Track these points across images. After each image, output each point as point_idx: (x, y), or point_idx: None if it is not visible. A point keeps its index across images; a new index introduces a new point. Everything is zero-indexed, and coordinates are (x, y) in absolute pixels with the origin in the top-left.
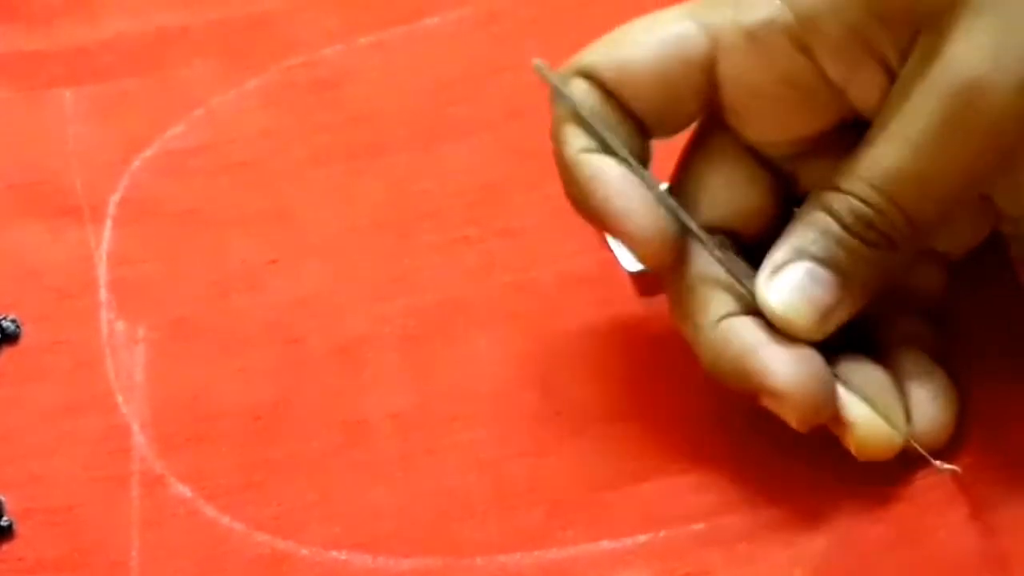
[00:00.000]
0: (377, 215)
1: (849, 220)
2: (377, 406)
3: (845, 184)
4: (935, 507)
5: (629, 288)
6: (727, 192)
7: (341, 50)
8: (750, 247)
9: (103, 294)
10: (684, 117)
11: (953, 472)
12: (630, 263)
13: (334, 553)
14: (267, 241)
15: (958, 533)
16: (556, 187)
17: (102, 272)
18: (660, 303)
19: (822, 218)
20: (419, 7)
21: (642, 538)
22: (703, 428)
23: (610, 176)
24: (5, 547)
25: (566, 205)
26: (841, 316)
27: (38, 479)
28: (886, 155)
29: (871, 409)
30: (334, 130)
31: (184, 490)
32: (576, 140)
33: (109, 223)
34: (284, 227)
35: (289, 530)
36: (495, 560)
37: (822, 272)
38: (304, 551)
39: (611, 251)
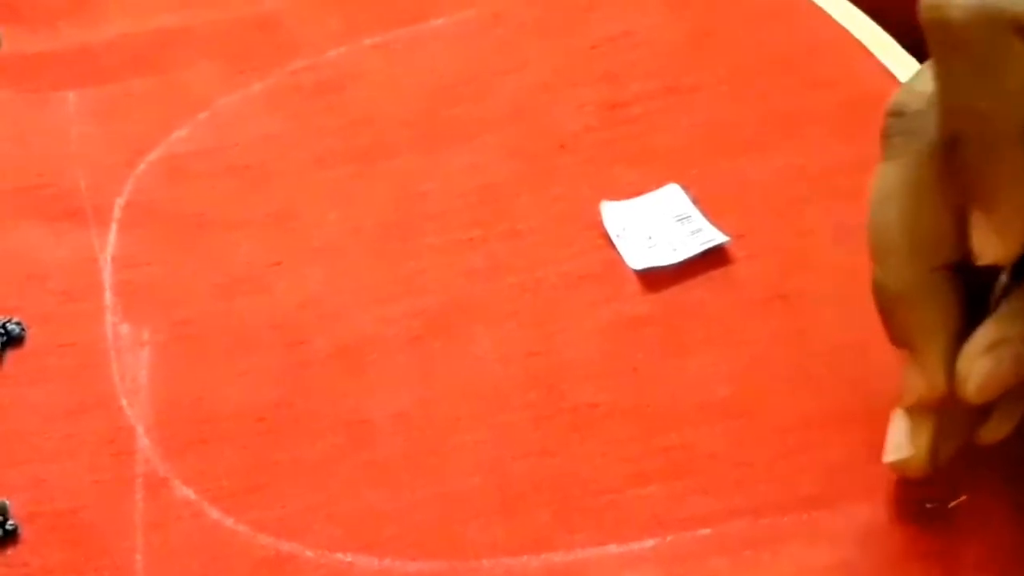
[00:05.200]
0: (381, 217)
1: None
2: (381, 407)
3: None
4: (941, 520)
5: (634, 286)
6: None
7: (345, 53)
8: None
9: (108, 297)
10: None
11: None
12: (635, 261)
13: (339, 555)
14: (271, 244)
15: (963, 546)
16: (560, 188)
17: (107, 275)
18: (665, 301)
19: None
20: (423, 9)
21: (649, 543)
22: (708, 429)
23: (936, 321)
24: (10, 551)
25: (569, 206)
26: (1012, 385)
27: (43, 482)
28: None
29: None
30: (338, 133)
31: (188, 492)
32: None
33: (114, 226)
34: (288, 229)
35: (293, 532)
36: (501, 562)
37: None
38: (308, 553)
39: (615, 250)
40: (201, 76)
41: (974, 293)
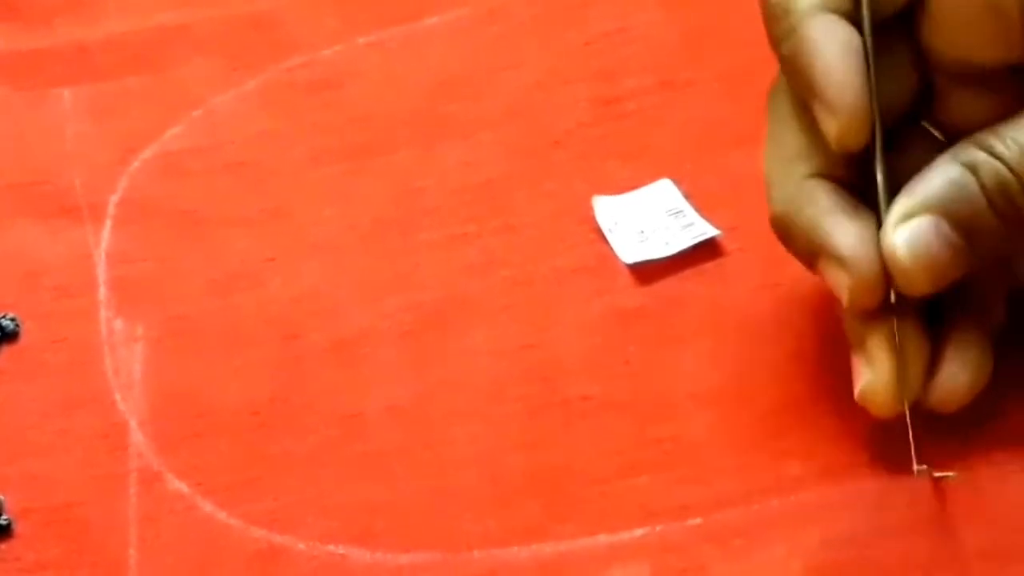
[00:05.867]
0: (376, 213)
1: (991, 185)
2: (375, 401)
3: (999, 147)
4: (932, 501)
5: (627, 281)
6: (881, 84)
7: (340, 50)
8: None
9: (102, 293)
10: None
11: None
12: (627, 255)
13: (331, 547)
14: (266, 240)
15: (955, 528)
16: (554, 184)
17: (101, 271)
18: (658, 295)
19: (965, 176)
20: (418, 7)
21: (639, 532)
22: (699, 420)
23: (837, 41)
24: (4, 546)
25: (564, 202)
26: (952, 278)
27: (37, 477)
28: None
29: (892, 362)
30: (333, 130)
31: (182, 486)
32: None
33: (108, 223)
34: (283, 226)
35: (286, 525)
36: (492, 554)
37: (949, 231)
38: (301, 545)
39: (608, 244)
40: (196, 73)
41: None
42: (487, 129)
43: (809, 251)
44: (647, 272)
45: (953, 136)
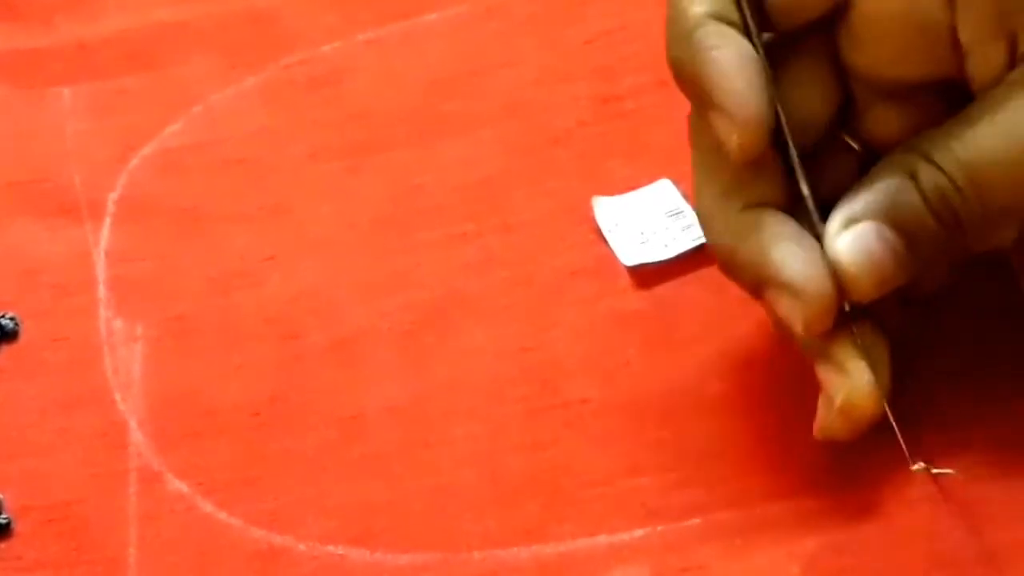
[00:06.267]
0: (375, 211)
1: (931, 194)
2: (374, 401)
3: (937, 155)
4: (929, 504)
5: (626, 282)
6: (800, 98)
7: (339, 47)
8: None
9: (102, 291)
10: (810, 11)
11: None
12: (627, 257)
13: (331, 548)
14: (265, 238)
15: (951, 529)
16: (554, 182)
17: (101, 270)
18: (657, 297)
19: (905, 184)
20: (417, 4)
21: (639, 533)
22: (699, 421)
23: (732, 48)
24: (3, 545)
25: (564, 201)
26: (893, 285)
27: (36, 476)
28: (987, 140)
29: (865, 366)
30: (332, 127)
31: (181, 486)
32: (702, 2)
33: (108, 221)
34: (282, 224)
35: (286, 525)
36: (492, 554)
37: (892, 237)
38: (301, 546)
39: (608, 246)
40: (195, 71)
41: None
42: (486, 127)
43: (755, 283)
44: (647, 275)
45: (873, 148)
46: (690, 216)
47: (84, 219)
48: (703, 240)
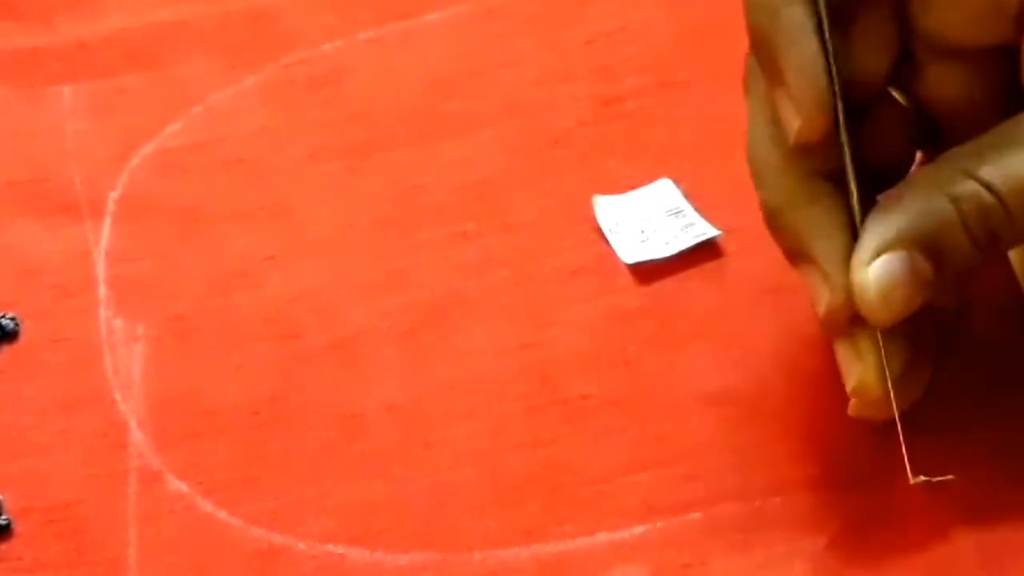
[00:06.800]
0: (375, 211)
1: (972, 216)
2: (374, 400)
3: (983, 172)
4: (930, 502)
5: (626, 280)
6: (860, 52)
7: (340, 46)
8: None
9: (102, 291)
10: None
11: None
12: (628, 255)
13: (331, 547)
14: (265, 237)
15: (955, 529)
16: (554, 182)
17: (101, 269)
18: (658, 294)
19: (945, 207)
20: (417, 4)
21: (639, 529)
22: (700, 418)
23: (813, 43)
24: (3, 545)
25: (564, 201)
26: (914, 308)
27: (36, 477)
28: None
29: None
30: (332, 127)
31: (181, 486)
32: None
33: (108, 220)
34: (282, 223)
35: (286, 524)
36: (493, 554)
37: (922, 264)
38: (301, 545)
39: (608, 244)
40: (196, 70)
41: None
42: (486, 127)
43: (794, 251)
44: (647, 272)
45: (924, 106)
46: (690, 214)
47: (84, 219)
48: (703, 238)
